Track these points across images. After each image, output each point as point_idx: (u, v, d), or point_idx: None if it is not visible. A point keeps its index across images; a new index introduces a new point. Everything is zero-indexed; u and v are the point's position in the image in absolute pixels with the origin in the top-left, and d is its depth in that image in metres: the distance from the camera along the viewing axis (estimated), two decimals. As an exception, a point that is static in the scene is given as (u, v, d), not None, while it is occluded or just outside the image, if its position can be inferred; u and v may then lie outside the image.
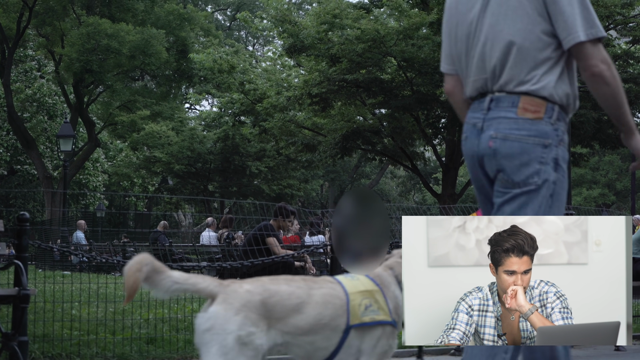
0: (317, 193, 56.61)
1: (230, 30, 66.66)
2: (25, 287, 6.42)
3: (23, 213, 7.00)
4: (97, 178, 47.23)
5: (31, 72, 43.91)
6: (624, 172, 50.85)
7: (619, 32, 26.28)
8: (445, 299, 3.70)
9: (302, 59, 28.27)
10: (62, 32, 35.82)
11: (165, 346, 7.66)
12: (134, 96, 41.07)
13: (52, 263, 18.94)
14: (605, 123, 25.99)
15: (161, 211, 29.94)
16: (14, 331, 6.33)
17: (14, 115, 36.07)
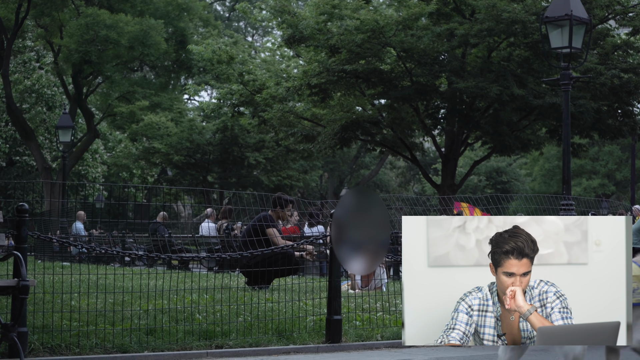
0: (317, 184, 56.58)
1: (230, 20, 66.53)
2: (24, 278, 6.41)
3: (22, 204, 6.99)
4: (96, 169, 47.18)
5: (30, 63, 43.81)
6: (624, 162, 50.84)
7: (618, 22, 26.22)
8: (445, 299, 3.68)
9: (301, 49, 28.23)
10: (61, 22, 35.72)
11: (164, 337, 7.65)
12: (132, 87, 41.00)
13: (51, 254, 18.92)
14: (604, 113, 25.96)
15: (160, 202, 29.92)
16: (14, 322, 6.33)
17: (12, 106, 36.01)
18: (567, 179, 14.70)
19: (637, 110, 27.68)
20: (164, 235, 20.95)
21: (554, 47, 14.95)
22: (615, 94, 25.37)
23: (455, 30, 24.24)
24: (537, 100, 24.60)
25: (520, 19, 23.35)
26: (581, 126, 25.76)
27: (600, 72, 24.41)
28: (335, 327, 8.23)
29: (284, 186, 44.87)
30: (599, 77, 24.37)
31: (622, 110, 26.75)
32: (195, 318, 8.27)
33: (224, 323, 8.08)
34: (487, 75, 24.70)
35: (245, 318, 8.58)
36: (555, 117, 25.32)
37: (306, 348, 7.84)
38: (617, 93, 25.32)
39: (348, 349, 8.06)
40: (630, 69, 25.03)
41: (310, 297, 9.45)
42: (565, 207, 13.82)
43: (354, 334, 8.35)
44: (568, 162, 14.79)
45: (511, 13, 23.39)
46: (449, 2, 25.13)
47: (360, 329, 8.56)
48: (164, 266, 17.37)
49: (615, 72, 24.56)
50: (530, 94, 24.59)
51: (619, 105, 26.42)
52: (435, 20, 25.20)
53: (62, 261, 16.34)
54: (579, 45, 14.90)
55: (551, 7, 15.09)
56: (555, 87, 24.22)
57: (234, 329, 8.11)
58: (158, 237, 20.15)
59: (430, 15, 25.15)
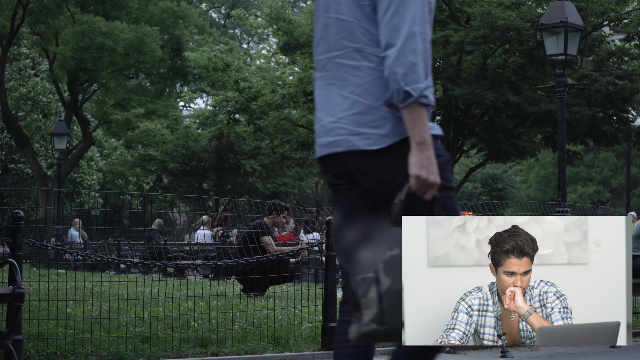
0: (312, 191, 56.58)
1: (225, 28, 66.61)
2: (19, 286, 6.40)
3: (17, 211, 6.98)
4: (91, 176, 47.13)
5: (25, 71, 43.78)
6: (619, 169, 50.91)
7: (612, 29, 26.29)
8: (445, 299, 3.68)
9: (297, 56, 28.24)
10: (56, 30, 35.72)
11: (160, 344, 7.63)
12: (128, 94, 40.98)
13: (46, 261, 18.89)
14: (600, 120, 26.01)
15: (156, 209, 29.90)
16: (9, 330, 6.31)
17: (8, 113, 35.99)
18: (562, 185, 14.72)
19: (632, 117, 27.73)
20: (159, 243, 20.91)
21: (549, 54, 14.98)
22: (610, 101, 25.43)
23: (450, 37, 24.28)
24: (533, 107, 24.64)
25: (516, 26, 23.40)
26: (576, 133, 25.81)
27: (595, 79, 24.47)
28: (331, 335, 8.22)
29: (279, 193, 44.87)
30: (594, 83, 24.42)
31: (617, 117, 26.80)
32: (190, 325, 8.26)
33: (219, 330, 8.06)
34: (483, 82, 24.73)
35: (241, 325, 8.57)
36: (551, 124, 25.36)
37: (302, 356, 7.83)
38: (612, 100, 25.37)
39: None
40: (625, 76, 25.08)
41: (306, 305, 9.44)
42: (561, 214, 13.83)
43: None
44: (563, 169, 14.81)
45: (506, 20, 23.44)
46: (444, 9, 25.17)
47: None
48: (159, 273, 17.35)
49: (610, 78, 24.62)
50: (525, 101, 24.62)
51: (614, 112, 26.48)
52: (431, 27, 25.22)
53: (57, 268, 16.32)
54: (574, 52, 14.93)
55: (546, 14, 15.12)
56: (550, 94, 24.27)
57: (229, 336, 8.10)
58: (154, 245, 20.12)
59: (426, 21, 25.16)
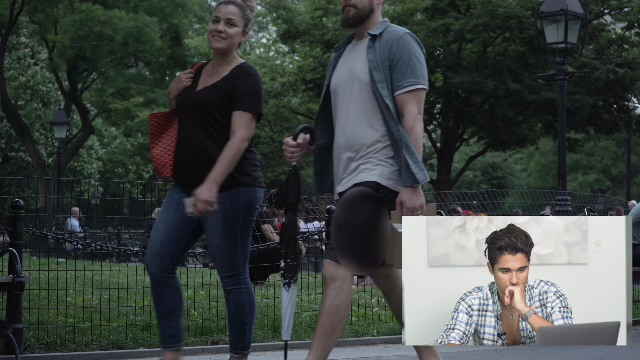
0: (312, 179, 56.63)
1: (224, 16, 66.49)
2: (19, 275, 6.39)
3: (17, 200, 6.96)
4: (91, 165, 47.10)
5: (25, 60, 43.71)
6: (620, 157, 50.91)
7: (613, 17, 26.25)
8: (445, 299, 3.68)
9: (297, 44, 28.19)
10: (55, 18, 35.63)
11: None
12: (127, 83, 40.92)
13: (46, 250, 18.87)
14: (600, 108, 25.98)
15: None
16: (9, 319, 6.31)
17: (7, 102, 35.92)
18: (562, 174, 14.71)
19: (632, 105, 27.71)
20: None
21: (549, 42, 14.96)
22: (610, 89, 25.40)
23: (450, 25, 24.23)
24: (533, 95, 24.62)
25: (516, 14, 23.36)
26: (577, 121, 25.79)
27: (596, 67, 24.43)
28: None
29: (279, 182, 44.86)
30: (595, 72, 24.39)
31: (617, 105, 26.78)
32: (190, 314, 8.25)
33: (219, 319, 8.05)
34: (483, 70, 24.70)
35: (241, 314, 8.55)
36: (551, 112, 25.34)
37: (302, 344, 7.81)
38: (612, 88, 25.34)
39: (344, 344, 8.03)
40: (625, 64, 25.05)
41: (306, 293, 9.43)
42: (561, 202, 13.82)
43: (349, 330, 8.32)
44: (564, 157, 14.81)
45: (507, 8, 23.40)
46: (444, -3, 25.14)
47: (355, 324, 8.54)
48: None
49: (611, 66, 24.58)
50: (525, 89, 24.59)
51: (614, 100, 26.45)
52: (431, 16, 25.18)
53: (57, 257, 16.31)
54: (575, 40, 14.91)
55: (546, 2, 15.08)
56: (550, 82, 24.24)
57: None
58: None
59: (426, 10, 25.13)
